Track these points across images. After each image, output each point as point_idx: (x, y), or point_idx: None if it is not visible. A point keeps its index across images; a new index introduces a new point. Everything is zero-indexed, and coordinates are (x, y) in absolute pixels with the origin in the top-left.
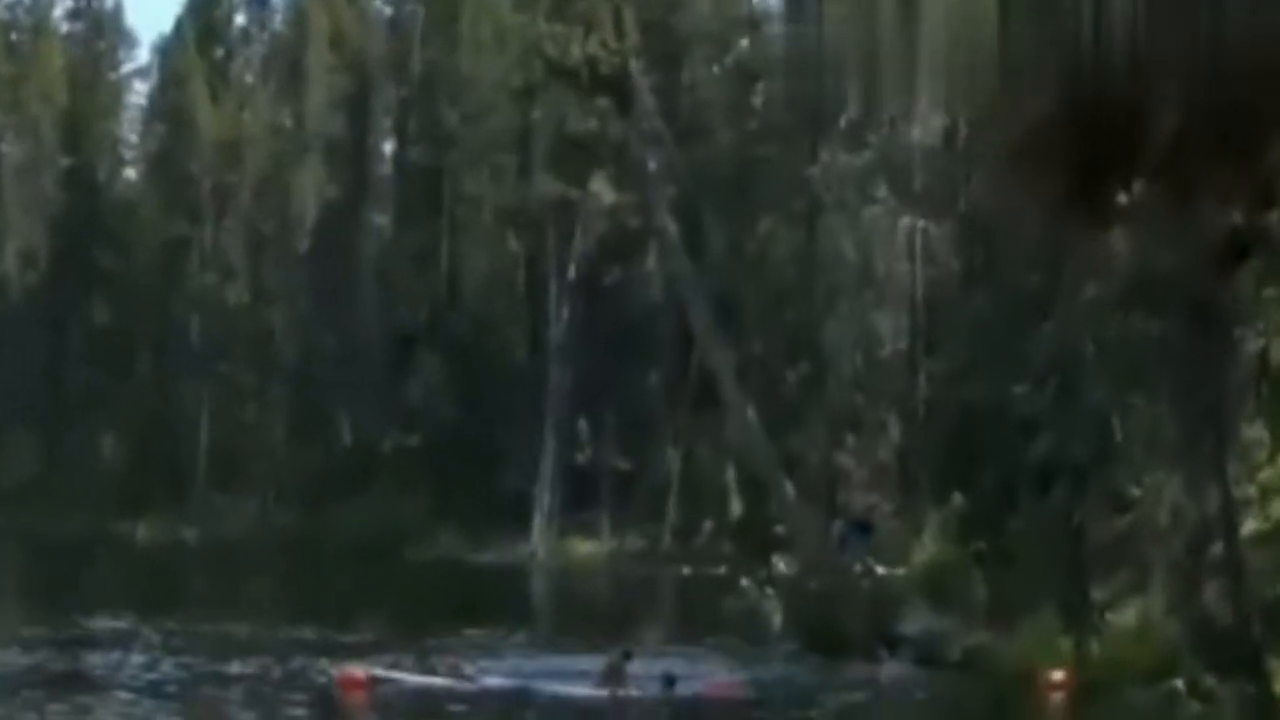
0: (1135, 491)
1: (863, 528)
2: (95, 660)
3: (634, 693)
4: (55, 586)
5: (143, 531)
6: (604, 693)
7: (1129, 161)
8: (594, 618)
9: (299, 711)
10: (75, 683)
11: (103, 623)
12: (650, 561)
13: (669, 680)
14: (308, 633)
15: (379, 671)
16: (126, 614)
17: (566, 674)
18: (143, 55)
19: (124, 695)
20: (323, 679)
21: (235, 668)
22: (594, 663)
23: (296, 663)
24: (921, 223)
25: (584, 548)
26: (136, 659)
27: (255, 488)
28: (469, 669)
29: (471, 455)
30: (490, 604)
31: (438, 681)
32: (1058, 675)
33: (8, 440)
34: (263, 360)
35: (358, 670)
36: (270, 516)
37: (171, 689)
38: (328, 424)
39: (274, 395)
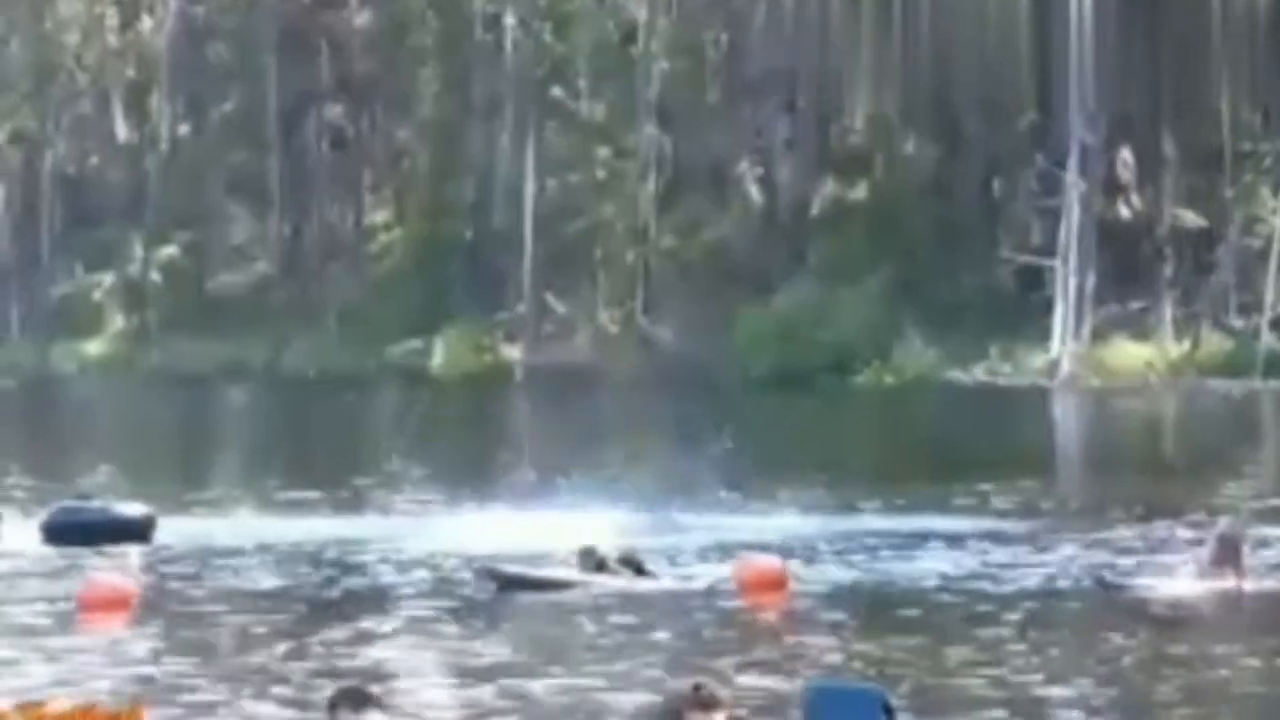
0: None
1: None
2: None
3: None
4: None
5: None
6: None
7: None
8: (1162, 465)
9: None
10: None
11: None
12: (1240, 372)
13: None
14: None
15: None
16: None
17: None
18: None
19: None
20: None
21: None
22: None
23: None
24: None
25: (1134, 354)
26: None
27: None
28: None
29: (937, 209)
30: (992, 446)
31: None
32: None
33: None
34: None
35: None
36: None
37: None
38: None
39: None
